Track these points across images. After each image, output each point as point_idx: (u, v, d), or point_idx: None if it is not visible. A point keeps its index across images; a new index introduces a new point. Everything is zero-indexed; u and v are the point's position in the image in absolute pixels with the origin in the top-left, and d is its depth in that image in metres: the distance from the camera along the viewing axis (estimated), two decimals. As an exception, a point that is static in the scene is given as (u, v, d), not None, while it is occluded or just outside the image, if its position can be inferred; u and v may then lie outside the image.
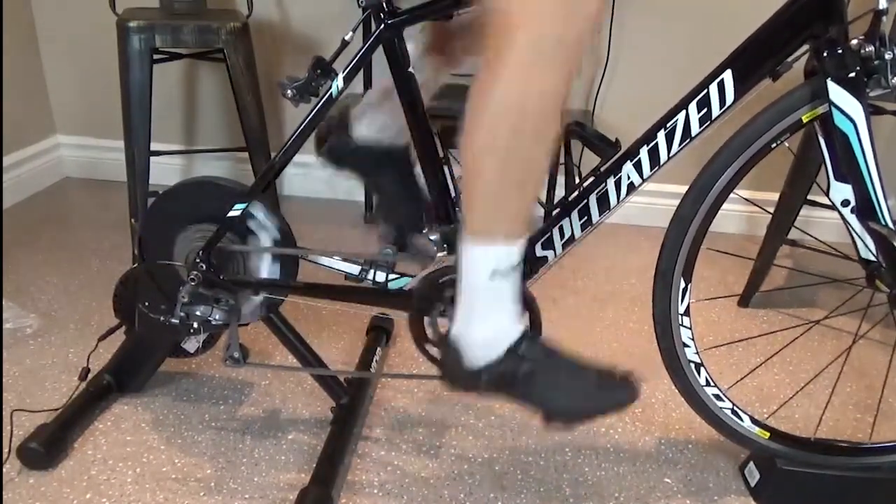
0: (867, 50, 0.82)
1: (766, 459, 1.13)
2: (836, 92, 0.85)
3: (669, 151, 0.92)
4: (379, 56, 0.97)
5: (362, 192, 2.17)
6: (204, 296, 1.09)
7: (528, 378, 0.90)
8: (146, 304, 1.15)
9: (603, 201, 0.96)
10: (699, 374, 1.08)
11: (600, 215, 0.97)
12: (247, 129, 1.82)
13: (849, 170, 0.89)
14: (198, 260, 1.06)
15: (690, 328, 1.05)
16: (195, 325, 1.10)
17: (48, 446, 1.11)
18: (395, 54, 0.96)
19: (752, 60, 0.88)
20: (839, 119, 0.86)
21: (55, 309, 1.54)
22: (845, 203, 0.91)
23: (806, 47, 0.87)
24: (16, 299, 1.56)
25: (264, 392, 1.33)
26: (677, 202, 0.99)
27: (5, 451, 1.13)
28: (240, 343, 1.10)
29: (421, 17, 0.95)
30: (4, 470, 1.10)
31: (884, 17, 0.82)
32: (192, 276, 1.07)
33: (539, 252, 1.00)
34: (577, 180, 1.00)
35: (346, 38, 0.95)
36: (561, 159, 1.03)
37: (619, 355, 1.50)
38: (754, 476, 1.15)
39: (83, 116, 2.24)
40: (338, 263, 1.07)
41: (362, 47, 0.96)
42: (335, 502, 1.07)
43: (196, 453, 1.17)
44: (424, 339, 1.04)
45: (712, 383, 1.09)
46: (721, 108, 0.89)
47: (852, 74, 0.84)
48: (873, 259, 0.94)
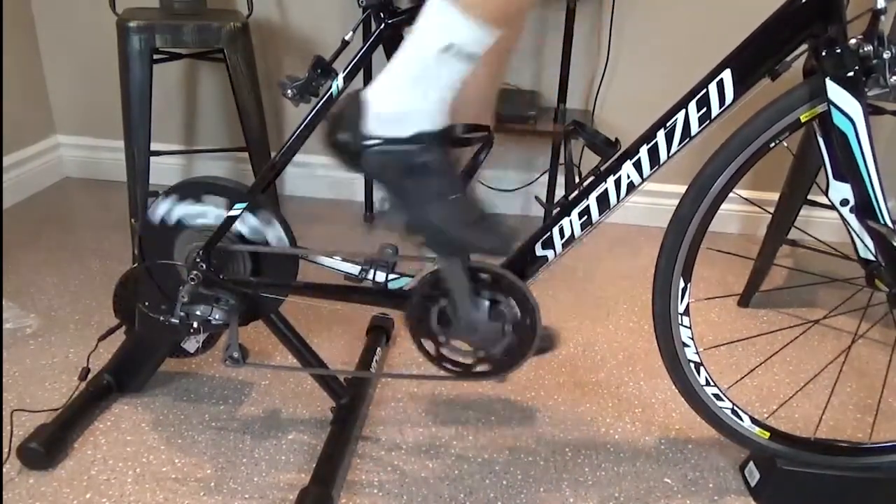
0: (866, 49, 0.82)
1: (766, 459, 1.13)
2: (835, 91, 0.85)
3: (669, 151, 0.92)
4: (379, 56, 0.98)
5: (362, 191, 2.17)
6: (204, 295, 1.09)
7: (415, 176, 0.81)
8: (146, 304, 1.15)
9: (603, 201, 0.96)
10: (699, 373, 1.08)
11: (600, 215, 0.97)
12: (247, 129, 1.83)
13: (848, 169, 0.89)
14: (198, 260, 1.06)
15: (690, 328, 1.06)
16: (195, 325, 1.10)
17: (48, 446, 1.11)
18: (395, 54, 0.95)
19: (752, 60, 0.88)
20: (838, 118, 0.86)
21: (55, 309, 1.55)
22: (844, 202, 0.91)
23: (805, 47, 0.87)
24: (16, 299, 1.56)
25: (264, 392, 1.33)
26: (677, 202, 0.99)
27: (5, 451, 1.13)
28: (240, 343, 1.10)
29: (420, 16, 0.95)
30: (4, 470, 1.10)
31: (882, 17, 0.82)
32: (192, 276, 1.07)
33: (539, 251, 1.00)
34: (576, 180, 1.00)
35: (347, 38, 0.96)
36: (561, 159, 1.03)
37: (618, 355, 1.50)
38: (754, 476, 1.15)
39: (83, 116, 2.24)
40: (338, 263, 1.07)
41: (362, 47, 0.96)
42: (335, 502, 1.08)
43: (196, 453, 1.17)
44: (424, 338, 1.04)
45: (712, 383, 1.10)
46: (720, 108, 0.89)
47: (851, 74, 0.84)
48: (872, 258, 0.94)
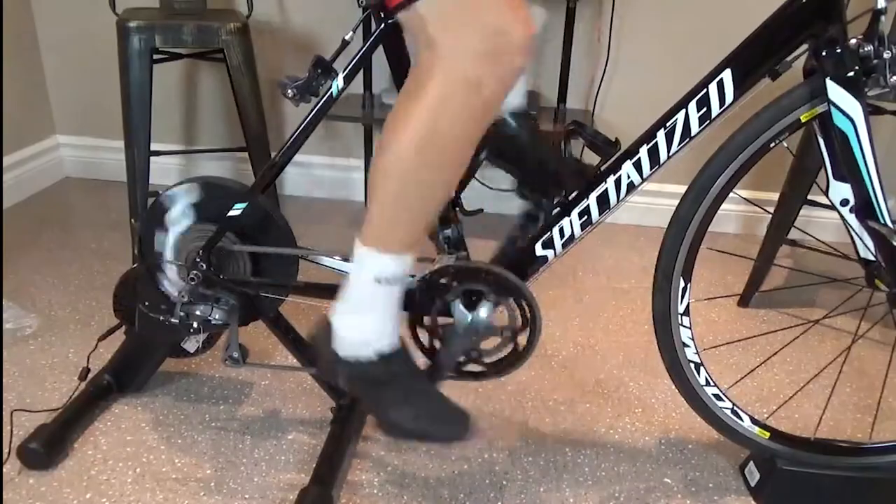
0: (866, 49, 0.82)
1: (766, 459, 1.13)
2: (835, 91, 0.85)
3: (669, 151, 0.92)
4: (379, 56, 0.98)
5: (362, 192, 2.17)
6: (204, 295, 1.09)
7: (380, 387, 0.95)
8: (146, 304, 1.15)
9: (603, 201, 0.96)
10: (699, 373, 1.08)
11: (600, 215, 0.97)
12: (247, 129, 1.82)
13: (848, 169, 0.89)
14: (198, 260, 1.06)
15: (690, 328, 1.06)
16: (195, 325, 1.10)
17: (48, 446, 1.11)
18: (396, 54, 0.96)
19: (752, 60, 0.88)
20: (838, 118, 0.86)
21: (55, 309, 1.54)
22: (844, 202, 0.91)
23: (805, 47, 0.87)
24: (16, 299, 1.56)
25: (264, 392, 1.33)
26: (677, 202, 0.99)
27: (5, 451, 1.13)
28: (240, 343, 1.10)
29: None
30: (4, 470, 1.10)
31: (882, 17, 0.82)
32: (192, 276, 1.07)
33: (539, 251, 1.00)
34: (576, 180, 1.00)
35: (347, 37, 0.96)
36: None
37: (618, 355, 1.50)
38: (754, 476, 1.15)
39: (83, 116, 2.24)
40: (338, 263, 1.07)
41: (362, 47, 0.96)
42: (335, 502, 1.08)
43: (196, 453, 1.17)
44: (424, 339, 1.04)
45: (712, 383, 1.09)
46: (720, 108, 0.89)
47: (851, 74, 0.84)
48: (873, 259, 0.94)
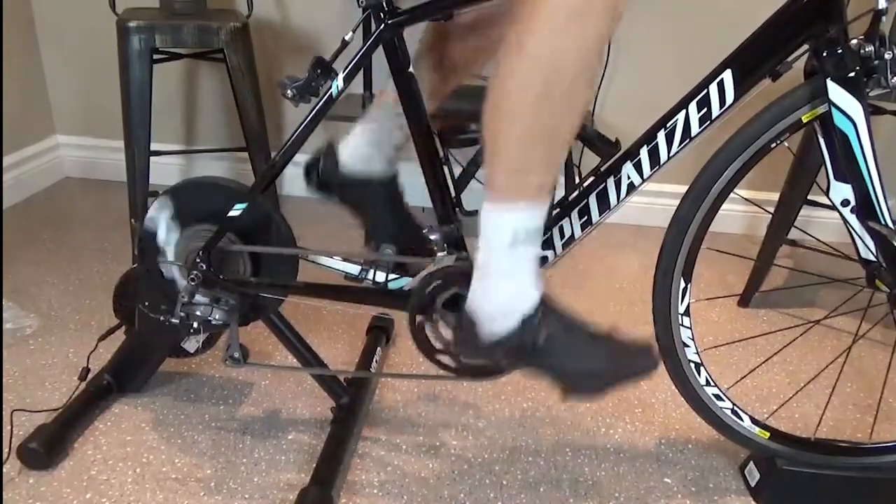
0: (867, 50, 0.82)
1: (766, 459, 1.13)
2: (836, 92, 0.85)
3: (669, 151, 0.92)
4: (379, 56, 0.97)
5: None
6: (203, 295, 1.09)
7: (547, 347, 0.87)
8: (146, 304, 1.15)
9: (603, 201, 0.96)
10: (699, 373, 1.08)
11: (600, 215, 0.97)
12: (247, 129, 1.82)
13: (848, 169, 0.89)
14: (198, 260, 1.06)
15: (690, 328, 1.06)
16: (195, 325, 1.10)
17: (48, 446, 1.11)
18: (395, 54, 0.95)
19: (752, 60, 0.88)
20: (839, 119, 0.86)
21: (55, 309, 1.54)
22: (845, 203, 0.91)
23: (806, 47, 0.87)
24: (16, 299, 1.56)
25: (264, 392, 1.33)
26: (677, 202, 0.99)
27: (5, 451, 1.13)
28: (240, 343, 1.10)
29: (421, 16, 0.95)
30: (4, 470, 1.10)
31: (883, 17, 0.82)
32: (192, 276, 1.07)
33: (539, 252, 1.00)
34: (577, 180, 1.00)
35: (346, 38, 0.95)
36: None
37: (619, 355, 1.50)
38: (754, 476, 1.15)
39: (83, 116, 2.24)
40: (338, 263, 1.07)
41: (362, 47, 0.96)
42: (335, 502, 1.08)
43: (196, 453, 1.17)
44: (424, 338, 1.04)
45: (712, 383, 1.09)
46: (721, 108, 0.89)
47: (852, 74, 0.84)
48: (873, 259, 0.94)
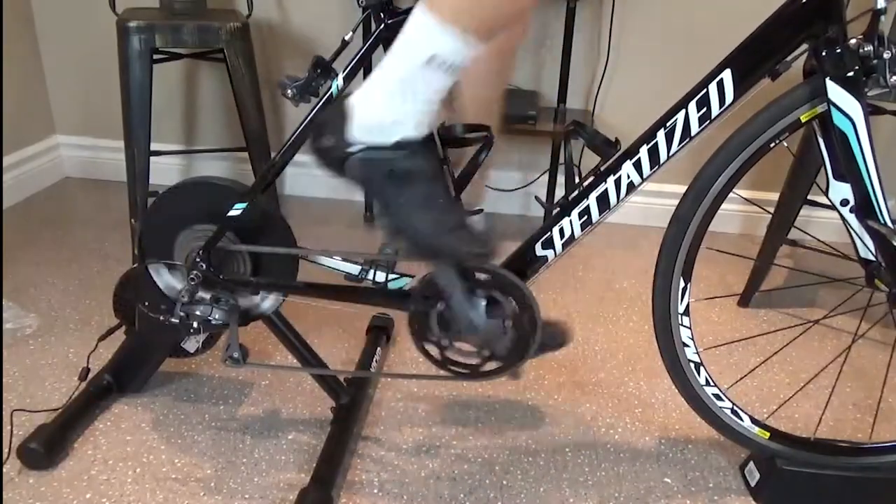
0: (866, 49, 0.82)
1: (766, 459, 1.13)
2: (835, 91, 0.85)
3: (669, 151, 0.92)
4: (379, 56, 0.98)
5: (363, 192, 2.17)
6: (203, 295, 1.09)
7: (398, 183, 0.83)
8: (146, 304, 1.15)
9: (603, 201, 0.96)
10: (699, 373, 1.08)
11: (600, 215, 0.97)
12: (247, 129, 1.83)
13: (848, 169, 0.89)
14: (198, 260, 1.06)
15: (690, 328, 1.06)
16: (195, 325, 1.10)
17: (48, 446, 1.11)
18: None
19: (752, 60, 0.88)
20: (838, 118, 0.86)
21: (55, 309, 1.54)
22: (844, 202, 0.91)
23: (805, 47, 0.87)
24: (16, 299, 1.56)
25: (264, 392, 1.33)
26: (677, 202, 0.99)
27: (5, 451, 1.13)
28: (240, 343, 1.10)
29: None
30: (4, 470, 1.10)
31: (882, 17, 0.82)
32: (192, 276, 1.07)
33: (539, 251, 1.00)
34: (576, 180, 1.00)
35: (346, 38, 0.96)
36: (561, 159, 1.03)
37: (618, 355, 1.50)
38: (754, 476, 1.15)
39: (83, 116, 2.24)
40: (338, 263, 1.07)
41: (362, 47, 0.96)
42: (335, 502, 1.08)
43: (196, 453, 1.17)
44: (424, 338, 1.04)
45: (712, 383, 1.10)
46: (720, 108, 0.89)
47: (851, 74, 0.84)
48: (873, 258, 0.94)
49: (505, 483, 1.15)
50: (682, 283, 1.02)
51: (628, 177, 0.94)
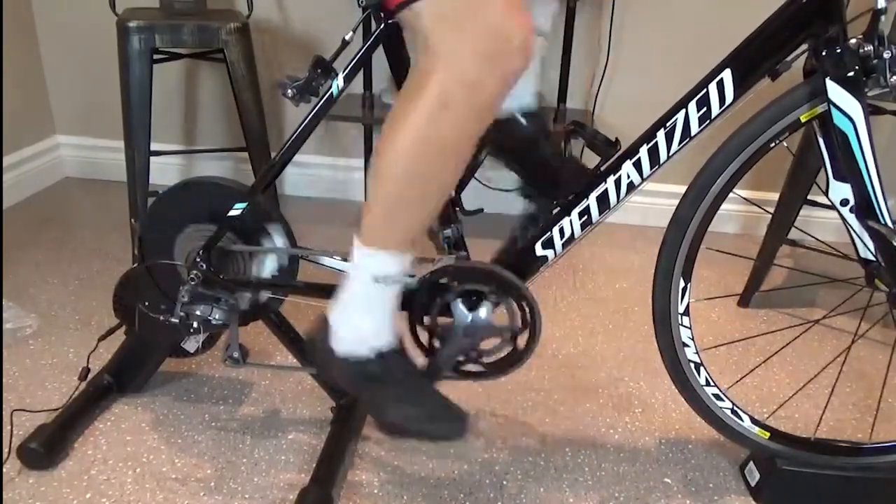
0: (866, 49, 0.82)
1: (766, 459, 1.13)
2: (835, 91, 0.85)
3: (669, 151, 0.92)
4: (379, 56, 0.98)
5: (362, 192, 2.17)
6: (204, 295, 1.09)
7: (378, 386, 0.95)
8: (146, 304, 1.15)
9: (603, 201, 0.96)
10: (699, 373, 1.08)
11: (600, 215, 0.97)
12: (247, 129, 1.82)
13: (848, 169, 0.89)
14: (198, 260, 1.06)
15: (690, 328, 1.06)
16: (195, 325, 1.10)
17: (48, 446, 1.11)
18: (396, 54, 0.96)
19: (752, 59, 0.88)
20: (838, 118, 0.86)
21: (55, 309, 1.54)
22: (844, 202, 0.91)
23: (805, 47, 0.87)
24: (16, 299, 1.56)
25: (264, 392, 1.33)
26: (677, 202, 0.99)
27: (5, 451, 1.13)
28: (240, 343, 1.10)
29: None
30: (4, 470, 1.10)
31: (882, 17, 0.82)
32: (193, 276, 1.07)
33: (539, 251, 1.00)
34: (576, 180, 1.00)
35: (346, 37, 0.95)
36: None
37: (618, 355, 1.50)
38: (754, 476, 1.15)
39: (83, 116, 2.24)
40: (338, 263, 1.07)
41: (362, 47, 0.96)
42: (335, 502, 1.08)
43: (196, 453, 1.17)
44: (424, 338, 1.04)
45: (712, 383, 1.10)
46: (720, 108, 0.89)
47: (851, 74, 0.84)
48: (873, 259, 0.94)
49: (505, 483, 1.15)
50: (682, 283, 1.02)
51: (628, 177, 0.94)
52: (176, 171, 2.26)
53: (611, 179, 0.95)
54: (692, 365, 1.08)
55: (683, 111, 0.90)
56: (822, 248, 1.42)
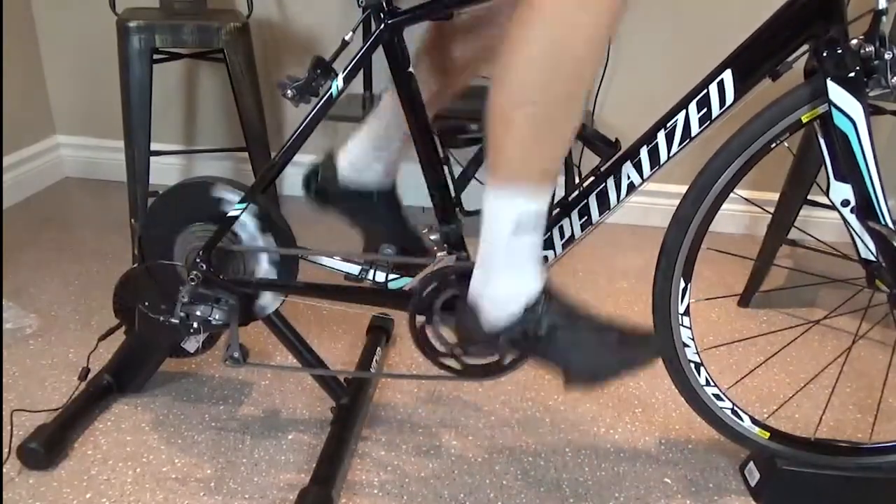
0: (867, 50, 0.82)
1: (766, 459, 1.13)
2: (836, 92, 0.85)
3: (669, 151, 0.92)
4: (379, 56, 0.97)
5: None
6: (204, 295, 1.09)
7: (549, 336, 0.88)
8: (146, 304, 1.15)
9: (603, 201, 0.96)
10: (699, 373, 1.08)
11: (600, 215, 0.97)
12: (247, 129, 1.82)
13: (848, 169, 0.89)
14: (198, 260, 1.06)
15: (690, 328, 1.05)
16: (195, 325, 1.10)
17: (48, 446, 1.11)
18: (395, 54, 0.95)
19: (752, 60, 0.88)
20: (839, 119, 0.86)
21: (55, 309, 1.54)
22: (845, 203, 0.91)
23: (806, 47, 0.87)
24: (16, 299, 1.56)
25: (264, 392, 1.33)
26: (677, 202, 0.99)
27: (5, 451, 1.13)
28: (240, 343, 1.10)
29: (421, 16, 0.95)
30: (4, 470, 1.10)
31: (883, 17, 0.82)
32: (192, 276, 1.07)
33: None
34: (576, 180, 1.00)
35: (346, 38, 0.95)
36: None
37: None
38: (754, 476, 1.15)
39: (83, 116, 2.24)
40: (338, 263, 1.07)
41: (362, 47, 0.96)
42: (335, 502, 1.07)
43: (196, 453, 1.17)
44: (424, 338, 1.04)
45: (712, 383, 1.09)
46: (721, 108, 0.89)
47: (852, 74, 0.84)
48: (873, 259, 0.94)
49: (505, 483, 1.15)
50: (682, 284, 1.02)
51: (628, 177, 0.94)
52: (176, 171, 2.26)
53: (611, 180, 0.95)
54: (692, 365, 1.08)
55: (684, 112, 0.90)
56: (822, 248, 1.42)
